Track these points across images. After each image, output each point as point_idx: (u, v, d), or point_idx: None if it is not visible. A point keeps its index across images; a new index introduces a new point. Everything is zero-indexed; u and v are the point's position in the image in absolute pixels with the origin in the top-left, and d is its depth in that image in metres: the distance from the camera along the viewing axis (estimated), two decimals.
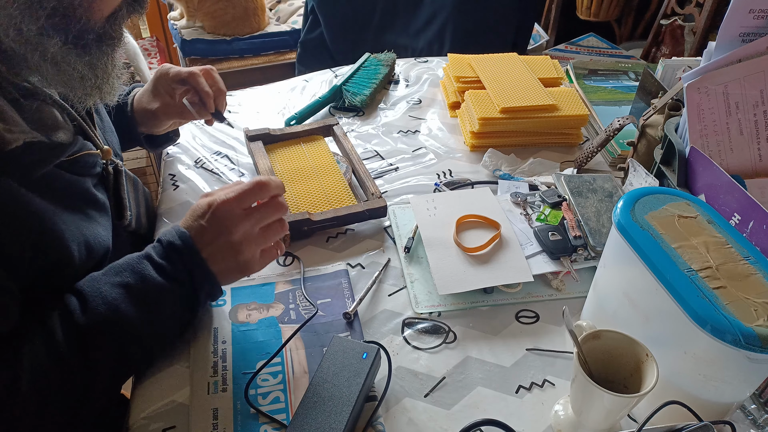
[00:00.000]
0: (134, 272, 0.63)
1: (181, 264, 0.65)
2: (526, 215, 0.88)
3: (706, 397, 0.57)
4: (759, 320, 0.52)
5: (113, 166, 0.73)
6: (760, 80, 0.73)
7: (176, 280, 0.64)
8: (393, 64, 1.29)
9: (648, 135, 0.90)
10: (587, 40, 2.26)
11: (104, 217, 0.70)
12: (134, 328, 0.62)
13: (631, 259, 0.60)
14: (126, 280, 0.63)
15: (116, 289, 0.62)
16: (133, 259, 0.65)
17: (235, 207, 0.66)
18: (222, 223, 0.65)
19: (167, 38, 2.60)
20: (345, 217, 0.86)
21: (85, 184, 0.67)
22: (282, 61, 2.28)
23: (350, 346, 0.65)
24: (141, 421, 0.63)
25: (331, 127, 1.04)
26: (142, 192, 0.84)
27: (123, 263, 0.65)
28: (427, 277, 0.80)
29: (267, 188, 0.67)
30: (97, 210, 0.69)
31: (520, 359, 0.70)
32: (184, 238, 0.65)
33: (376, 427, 0.62)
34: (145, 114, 0.90)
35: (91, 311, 0.60)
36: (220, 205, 0.65)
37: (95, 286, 0.62)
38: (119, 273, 0.63)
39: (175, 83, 0.88)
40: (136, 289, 0.62)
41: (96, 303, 0.60)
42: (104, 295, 0.61)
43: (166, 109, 0.89)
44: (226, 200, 0.66)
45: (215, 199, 0.66)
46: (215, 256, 0.66)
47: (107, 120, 0.81)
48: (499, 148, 1.04)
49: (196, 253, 0.65)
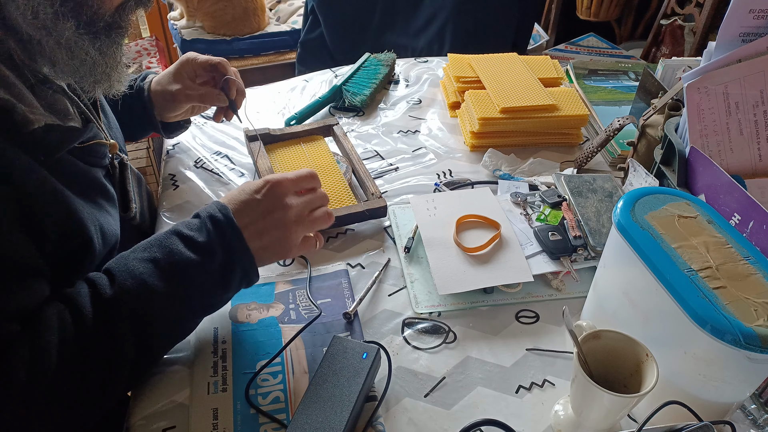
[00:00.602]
0: (162, 247, 0.63)
1: (218, 236, 0.64)
2: (526, 215, 0.88)
3: (706, 397, 0.57)
4: (759, 320, 0.52)
5: (119, 160, 0.75)
6: (760, 80, 0.73)
7: (206, 251, 0.63)
8: (393, 64, 1.29)
9: (648, 135, 0.90)
10: (587, 40, 2.26)
11: (113, 207, 0.71)
12: (162, 302, 0.61)
13: (631, 259, 0.60)
14: (154, 255, 0.62)
15: (144, 263, 0.62)
16: (161, 234, 0.65)
17: (291, 186, 0.68)
18: (279, 199, 0.67)
19: (167, 38, 2.60)
20: (345, 218, 0.86)
21: (96, 174, 0.68)
22: (282, 61, 2.27)
23: (350, 346, 0.65)
24: (141, 421, 0.63)
25: (331, 127, 1.04)
26: (144, 188, 0.85)
27: (152, 239, 0.65)
28: (427, 277, 0.80)
29: (317, 178, 0.71)
30: (107, 200, 0.70)
31: (520, 359, 0.70)
32: (225, 211, 0.65)
33: (376, 427, 0.62)
34: (163, 96, 0.92)
35: (119, 285, 0.60)
36: (279, 182, 0.68)
37: (123, 263, 0.62)
38: (147, 249, 0.63)
39: (202, 69, 0.91)
40: (164, 263, 0.62)
41: (123, 277, 0.60)
42: (131, 270, 0.61)
43: (186, 92, 0.91)
44: (284, 179, 0.68)
45: (273, 177, 0.68)
46: (260, 232, 0.66)
47: (112, 117, 0.82)
48: (499, 148, 1.04)
49: (235, 226, 0.65)
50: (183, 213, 0.91)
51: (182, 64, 0.92)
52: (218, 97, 0.93)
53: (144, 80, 0.92)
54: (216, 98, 0.93)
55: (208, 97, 0.92)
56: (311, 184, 0.71)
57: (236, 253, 0.65)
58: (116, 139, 0.79)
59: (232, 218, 0.65)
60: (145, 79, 0.93)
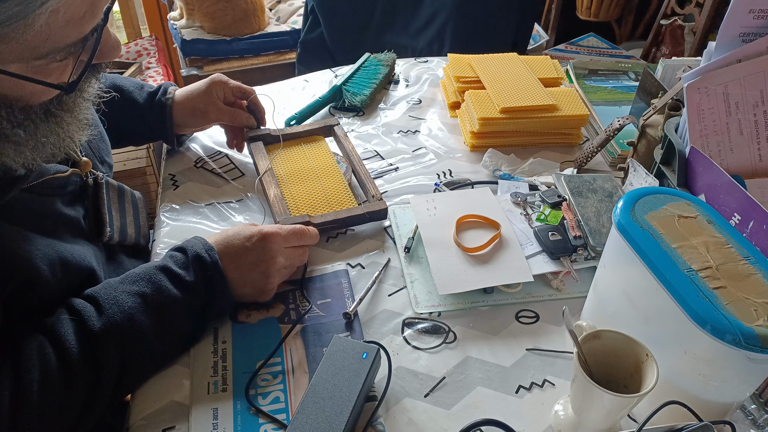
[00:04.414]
0: (151, 282, 0.64)
1: (203, 277, 0.67)
2: (526, 215, 0.88)
3: (706, 397, 0.57)
4: (759, 320, 0.52)
5: (93, 178, 0.72)
6: (760, 80, 0.73)
7: (192, 290, 0.66)
8: (393, 64, 1.29)
9: (648, 135, 0.90)
10: (587, 40, 2.26)
11: (78, 235, 0.68)
12: (146, 337, 0.63)
13: (631, 259, 0.60)
14: (143, 290, 0.64)
15: (133, 297, 0.63)
16: (150, 268, 0.66)
17: (282, 242, 0.73)
18: (269, 251, 0.71)
19: (167, 38, 2.60)
20: (345, 220, 0.85)
21: (54, 205, 0.66)
22: (282, 61, 2.27)
23: (350, 346, 0.65)
24: (141, 421, 0.63)
25: (331, 127, 1.04)
26: (129, 199, 0.81)
27: (141, 272, 0.66)
28: (427, 277, 0.80)
29: (308, 237, 0.77)
30: (70, 230, 0.67)
31: (520, 359, 0.70)
32: (212, 253, 0.68)
33: (376, 427, 0.62)
34: (191, 112, 0.94)
35: (108, 318, 0.60)
36: (272, 235, 0.72)
37: (111, 294, 0.62)
38: (136, 282, 0.64)
39: (233, 94, 0.96)
40: (151, 299, 0.63)
41: (113, 310, 0.61)
42: (121, 303, 0.62)
43: (219, 111, 0.95)
44: (277, 234, 0.72)
45: (267, 230, 0.72)
46: (245, 278, 0.70)
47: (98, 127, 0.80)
48: (499, 148, 1.04)
49: (220, 270, 0.68)
50: (183, 213, 0.91)
51: (214, 83, 0.94)
52: (248, 119, 0.98)
53: (166, 94, 0.93)
54: (246, 119, 0.98)
55: (237, 117, 0.97)
56: (300, 242, 0.76)
57: (218, 297, 0.68)
58: (97, 151, 0.77)
59: (218, 263, 0.68)
60: (167, 92, 0.93)
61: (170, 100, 0.92)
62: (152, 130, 0.94)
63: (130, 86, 0.92)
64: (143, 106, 0.91)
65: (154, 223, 0.91)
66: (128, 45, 2.41)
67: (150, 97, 0.92)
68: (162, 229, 0.87)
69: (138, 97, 0.92)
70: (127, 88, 0.92)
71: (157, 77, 2.21)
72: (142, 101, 0.92)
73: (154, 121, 0.92)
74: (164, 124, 0.93)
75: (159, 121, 0.92)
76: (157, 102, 0.92)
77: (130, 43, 2.43)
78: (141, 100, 0.91)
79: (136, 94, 0.92)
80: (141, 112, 0.91)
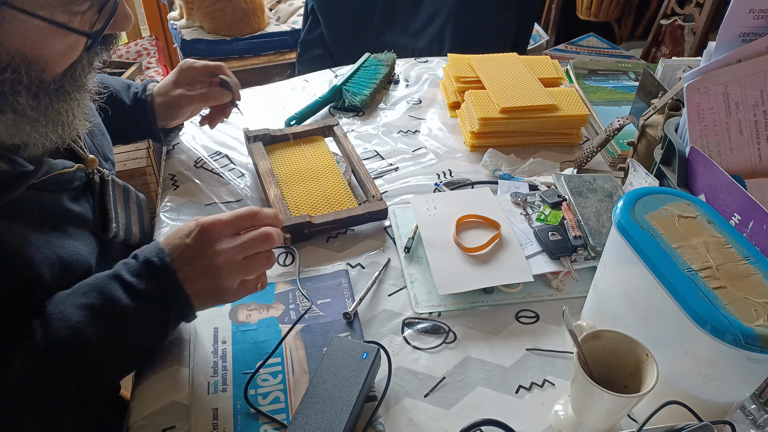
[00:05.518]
0: (101, 293, 0.60)
1: (155, 283, 0.61)
2: (526, 215, 0.88)
3: (706, 397, 0.57)
4: (759, 320, 0.52)
5: (99, 176, 0.72)
6: (760, 80, 0.73)
7: (146, 299, 0.61)
8: (393, 64, 1.29)
9: (648, 135, 0.90)
10: (587, 40, 2.26)
11: (84, 231, 0.68)
12: (98, 350, 0.59)
13: (631, 259, 0.60)
14: (92, 302, 0.59)
15: (80, 311, 0.58)
16: (101, 278, 0.61)
17: (224, 229, 0.64)
18: (208, 244, 0.62)
19: (167, 38, 2.60)
20: (345, 220, 0.85)
21: (60, 200, 0.65)
22: (282, 61, 2.27)
23: (350, 346, 0.65)
24: (141, 421, 0.63)
25: (331, 127, 1.04)
26: (134, 199, 0.80)
27: (91, 282, 0.61)
28: (427, 277, 0.80)
29: (258, 216, 0.66)
30: (76, 225, 0.66)
31: (520, 359, 0.70)
32: (162, 255, 0.62)
33: (376, 427, 0.62)
34: (165, 105, 0.92)
35: (52, 335, 0.56)
36: (209, 225, 0.63)
37: (59, 308, 0.58)
38: (86, 293, 0.60)
39: (200, 75, 0.93)
40: (101, 311, 0.59)
41: (57, 326, 0.57)
42: (66, 318, 0.57)
43: (188, 95, 0.92)
44: (215, 221, 0.64)
45: (204, 220, 0.64)
46: (193, 278, 0.62)
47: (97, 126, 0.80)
48: (499, 148, 1.04)
49: (172, 272, 0.61)
50: (183, 213, 0.91)
51: (181, 71, 0.93)
52: (220, 94, 0.94)
53: (145, 92, 0.93)
54: (218, 95, 0.94)
55: (210, 96, 0.94)
56: (248, 224, 0.65)
57: (172, 300, 0.62)
58: (100, 148, 0.77)
59: (169, 265, 0.62)
60: (146, 89, 0.93)
61: (150, 97, 0.92)
62: (140, 128, 0.93)
63: (117, 86, 0.92)
64: (130, 106, 0.91)
65: (155, 223, 0.91)
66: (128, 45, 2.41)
67: (135, 97, 0.93)
68: (162, 229, 0.87)
69: (125, 98, 0.92)
70: (115, 88, 0.92)
71: (157, 77, 2.21)
72: (129, 102, 0.92)
73: (138, 119, 0.92)
74: (149, 122, 0.92)
75: (144, 120, 0.92)
76: (139, 100, 0.92)
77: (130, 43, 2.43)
78: (128, 101, 0.92)
79: (123, 94, 0.92)
80: (128, 112, 0.91)
